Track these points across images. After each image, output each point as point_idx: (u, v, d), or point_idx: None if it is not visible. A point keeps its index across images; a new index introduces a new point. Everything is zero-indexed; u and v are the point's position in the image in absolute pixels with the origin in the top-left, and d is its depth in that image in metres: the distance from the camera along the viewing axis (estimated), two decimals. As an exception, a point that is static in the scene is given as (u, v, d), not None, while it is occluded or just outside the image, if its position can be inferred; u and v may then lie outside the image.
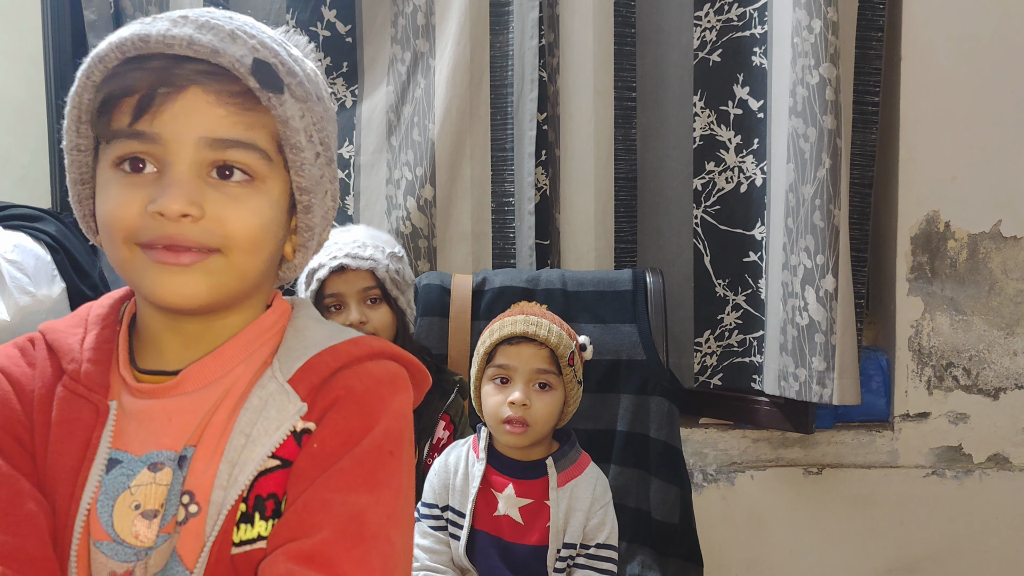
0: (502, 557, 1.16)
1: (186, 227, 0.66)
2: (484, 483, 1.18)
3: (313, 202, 0.73)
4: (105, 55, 0.66)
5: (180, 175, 0.66)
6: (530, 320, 1.17)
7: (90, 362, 0.72)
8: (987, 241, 1.71)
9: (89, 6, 1.74)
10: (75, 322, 0.76)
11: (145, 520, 0.68)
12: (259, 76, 0.66)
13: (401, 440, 0.72)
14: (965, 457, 1.75)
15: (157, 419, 0.70)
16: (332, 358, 0.73)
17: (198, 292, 0.68)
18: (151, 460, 0.69)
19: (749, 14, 1.69)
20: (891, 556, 1.78)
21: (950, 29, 1.67)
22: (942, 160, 1.69)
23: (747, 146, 1.72)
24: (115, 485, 0.69)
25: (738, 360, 1.76)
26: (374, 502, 0.67)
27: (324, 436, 0.69)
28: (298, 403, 0.70)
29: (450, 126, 1.73)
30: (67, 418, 0.70)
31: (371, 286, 1.30)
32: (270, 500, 0.69)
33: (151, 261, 0.67)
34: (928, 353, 1.74)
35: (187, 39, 0.64)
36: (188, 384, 0.71)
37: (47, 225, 1.61)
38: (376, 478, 0.68)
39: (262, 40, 0.68)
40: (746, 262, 1.73)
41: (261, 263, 0.71)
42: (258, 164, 0.68)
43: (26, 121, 1.90)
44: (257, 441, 0.69)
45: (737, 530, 1.80)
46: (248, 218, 0.68)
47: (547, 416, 1.16)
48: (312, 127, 0.71)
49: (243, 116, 0.67)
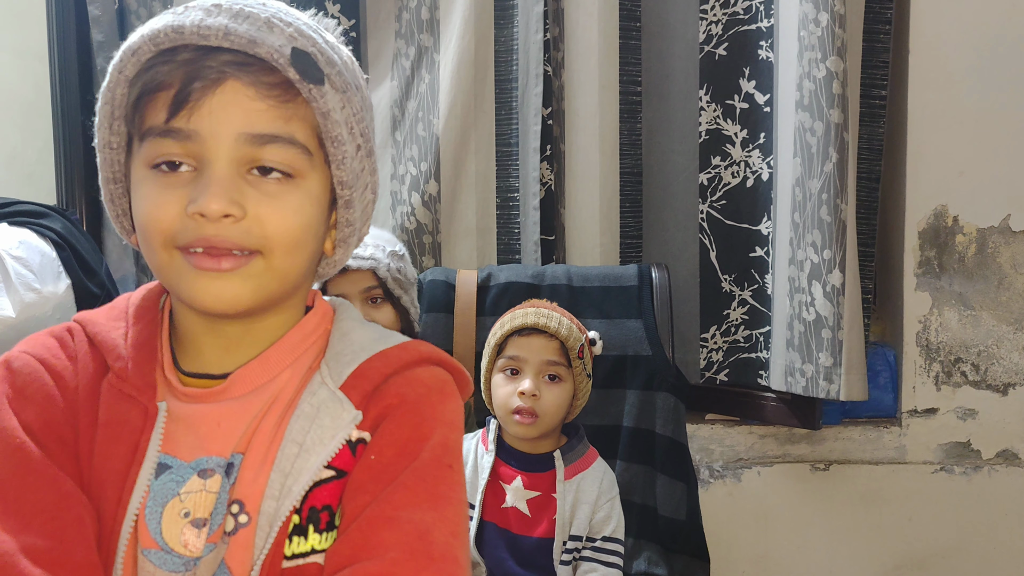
0: (509, 549, 1.16)
1: (226, 228, 0.63)
2: (493, 475, 1.19)
3: (354, 196, 0.70)
4: (138, 48, 0.63)
5: (220, 173, 0.63)
6: (541, 312, 1.19)
7: (135, 361, 0.70)
8: (996, 235, 1.70)
9: (93, 2, 1.74)
10: (115, 315, 0.74)
11: (195, 529, 0.66)
12: (299, 67, 0.63)
13: (458, 452, 0.70)
14: (974, 453, 1.74)
15: (205, 424, 0.68)
16: (383, 364, 0.70)
17: (240, 297, 0.65)
18: (201, 466, 0.67)
19: (755, 7, 1.68)
20: (899, 552, 1.77)
21: (958, 22, 1.66)
22: (950, 154, 1.68)
23: (753, 140, 1.71)
24: (164, 491, 0.66)
25: (744, 356, 1.75)
26: (439, 519, 0.65)
27: (381, 447, 0.67)
28: (352, 411, 0.68)
29: (454, 121, 1.73)
30: (115, 419, 0.68)
31: (373, 286, 1.29)
32: (324, 512, 0.66)
33: (191, 267, 0.64)
34: (936, 348, 1.72)
35: (223, 29, 0.61)
36: (235, 389, 0.69)
37: (53, 222, 1.61)
38: (439, 492, 0.66)
39: (299, 28, 0.65)
40: (752, 257, 1.72)
41: (303, 263, 0.69)
42: (298, 160, 0.66)
43: (33, 118, 1.90)
44: (311, 450, 0.66)
45: (744, 526, 1.79)
46: (289, 218, 0.65)
47: (556, 407, 1.16)
48: (352, 118, 0.68)
49: (282, 109, 0.64)
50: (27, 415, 0.66)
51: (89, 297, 1.55)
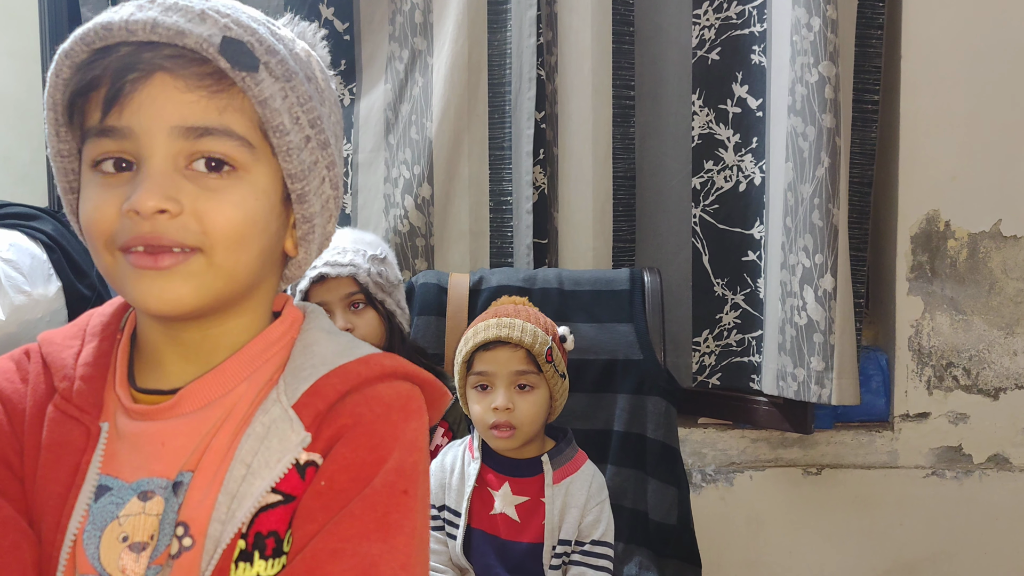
0: (499, 555, 1.16)
1: (163, 224, 0.61)
2: (480, 482, 1.18)
3: (307, 190, 0.67)
4: (70, 50, 0.61)
5: (154, 169, 0.61)
6: (503, 323, 1.15)
7: (83, 379, 0.68)
8: (987, 240, 1.70)
9: (86, 2, 1.74)
10: (73, 332, 0.72)
11: (133, 553, 0.63)
12: (229, 55, 0.61)
13: (415, 475, 0.66)
14: (965, 457, 1.74)
15: (150, 443, 0.65)
16: (340, 380, 0.67)
17: (182, 297, 0.62)
18: (141, 488, 0.65)
19: (748, 12, 1.68)
20: (891, 557, 1.77)
21: (950, 27, 1.66)
22: (942, 159, 1.68)
23: (746, 145, 1.71)
24: (103, 514, 0.64)
25: (737, 360, 1.75)
26: (388, 551, 0.62)
27: (332, 472, 0.64)
28: (301, 432, 0.65)
29: (448, 124, 1.73)
30: (56, 440, 0.66)
31: (354, 291, 1.28)
32: (270, 538, 0.64)
33: (131, 267, 0.62)
34: (928, 353, 1.73)
35: (150, 22, 0.59)
36: (185, 404, 0.66)
37: (44, 224, 1.60)
38: (390, 521, 0.63)
39: (237, 18, 0.63)
40: (745, 261, 1.72)
41: (250, 260, 0.65)
42: (237, 152, 0.63)
43: (26, 119, 1.89)
44: (257, 473, 0.63)
45: (736, 531, 1.79)
46: (228, 211, 0.63)
47: (533, 416, 1.15)
48: (298, 107, 0.65)
49: (215, 100, 0.62)
50: None
51: (80, 299, 1.55)
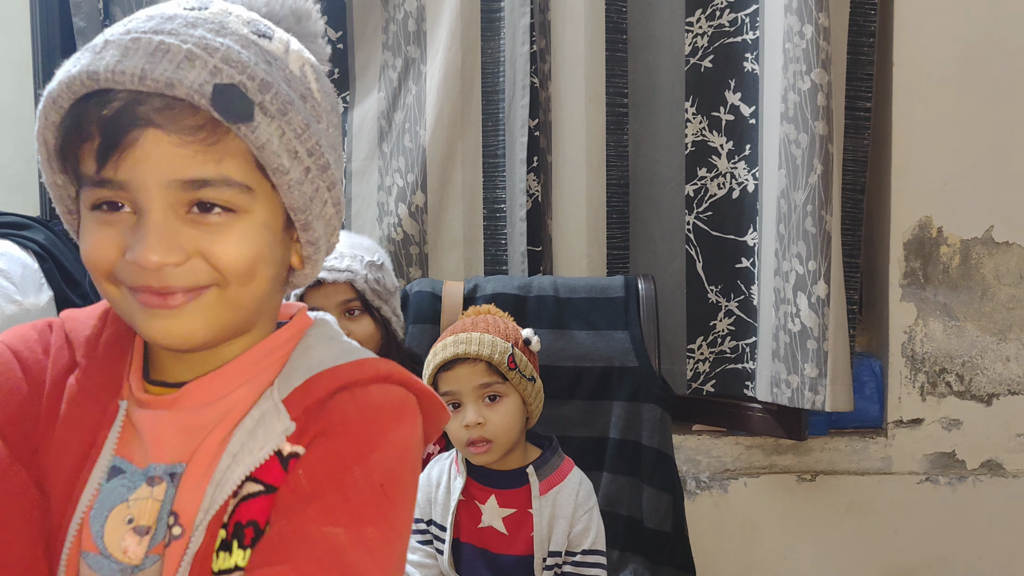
0: (489, 569, 1.15)
1: (169, 274, 0.61)
2: (467, 495, 1.17)
3: (311, 218, 0.66)
4: (57, 95, 0.60)
5: (154, 221, 0.60)
6: (459, 340, 1.15)
7: (104, 360, 0.69)
8: (979, 247, 1.71)
9: (78, 13, 1.73)
10: (97, 314, 0.73)
11: (136, 536, 0.65)
12: (221, 105, 0.59)
13: (396, 475, 0.65)
14: (959, 463, 1.74)
15: (153, 431, 0.67)
16: (331, 379, 0.67)
17: (193, 333, 0.63)
18: (150, 473, 0.66)
19: (741, 20, 1.69)
20: (885, 563, 1.77)
21: (942, 34, 1.67)
22: (934, 166, 1.69)
23: (739, 152, 1.71)
24: (114, 495, 0.65)
25: (731, 366, 1.75)
26: (355, 538, 0.61)
27: (311, 464, 0.64)
28: (286, 422, 0.65)
29: (441, 132, 1.73)
30: (74, 414, 0.67)
31: (351, 298, 1.27)
32: (250, 527, 0.63)
33: (139, 304, 0.62)
34: (921, 359, 1.73)
35: (138, 73, 0.58)
36: (187, 400, 0.67)
37: (35, 233, 1.60)
38: (361, 513, 0.62)
39: (226, 53, 0.60)
40: (738, 268, 1.73)
41: (260, 291, 0.66)
42: (236, 198, 0.62)
43: (18, 127, 1.89)
44: (240, 461, 0.64)
45: (730, 538, 1.79)
46: (233, 247, 0.62)
47: (508, 426, 1.13)
48: (295, 141, 0.63)
49: (211, 151, 0.60)
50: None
51: (72, 308, 1.54)
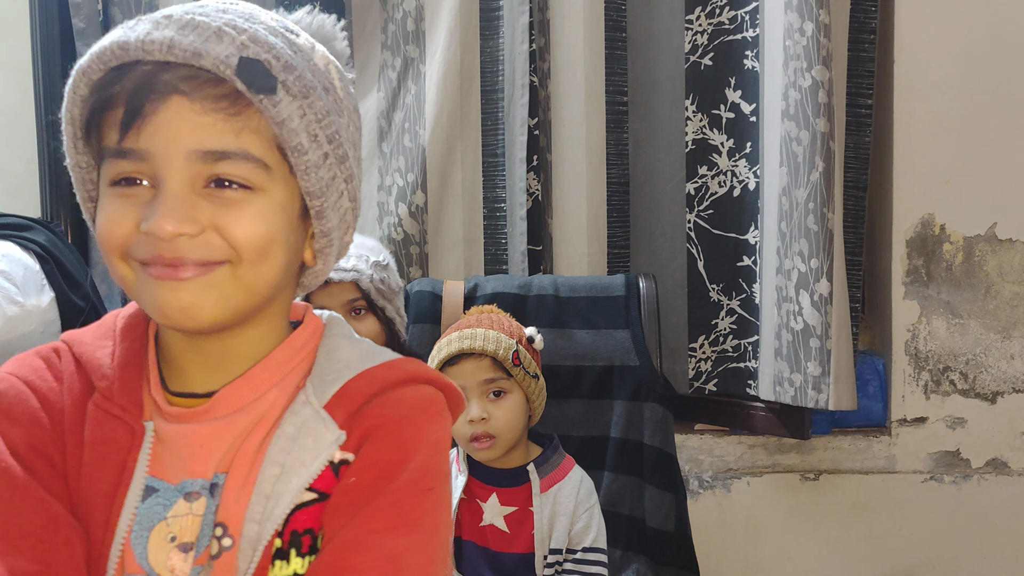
0: (490, 567, 1.15)
1: (183, 245, 0.61)
2: (468, 493, 1.17)
3: (326, 206, 0.67)
4: (87, 67, 0.62)
5: (172, 192, 0.61)
6: (464, 335, 1.16)
7: (123, 379, 0.68)
8: (983, 244, 1.70)
9: (77, 14, 1.73)
10: (102, 333, 0.72)
11: (181, 553, 0.65)
12: (246, 76, 0.60)
13: (439, 474, 0.68)
14: (963, 462, 1.73)
15: (189, 445, 0.67)
16: (367, 384, 0.69)
17: (200, 306, 0.63)
18: (186, 489, 0.66)
19: (741, 17, 1.69)
20: (889, 562, 1.76)
21: (943, 31, 1.66)
22: (936, 163, 1.68)
23: (740, 150, 1.71)
24: (151, 515, 0.65)
25: (733, 365, 1.75)
26: (412, 545, 0.63)
27: (360, 469, 0.66)
28: (336, 431, 0.66)
29: (441, 132, 1.73)
30: (101, 439, 0.66)
31: (356, 297, 1.27)
32: (307, 535, 0.65)
33: (150, 277, 0.63)
34: (925, 357, 1.72)
35: (167, 43, 0.59)
36: (220, 408, 0.67)
37: (36, 234, 1.60)
38: (414, 517, 0.65)
39: (255, 34, 0.62)
40: (740, 266, 1.72)
41: (272, 275, 0.66)
42: (253, 174, 0.63)
43: (19, 130, 1.89)
44: (293, 472, 0.65)
45: (733, 537, 1.78)
46: (249, 224, 0.63)
47: (511, 422, 1.14)
48: (315, 124, 0.64)
49: (232, 122, 0.62)
50: (13, 437, 0.65)
51: (73, 310, 1.54)
